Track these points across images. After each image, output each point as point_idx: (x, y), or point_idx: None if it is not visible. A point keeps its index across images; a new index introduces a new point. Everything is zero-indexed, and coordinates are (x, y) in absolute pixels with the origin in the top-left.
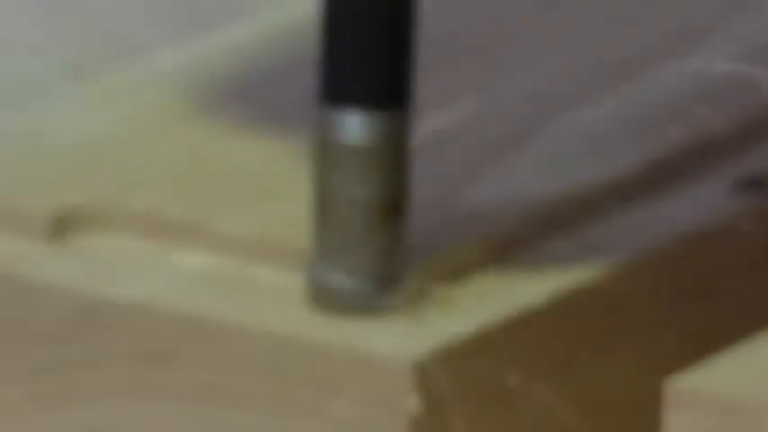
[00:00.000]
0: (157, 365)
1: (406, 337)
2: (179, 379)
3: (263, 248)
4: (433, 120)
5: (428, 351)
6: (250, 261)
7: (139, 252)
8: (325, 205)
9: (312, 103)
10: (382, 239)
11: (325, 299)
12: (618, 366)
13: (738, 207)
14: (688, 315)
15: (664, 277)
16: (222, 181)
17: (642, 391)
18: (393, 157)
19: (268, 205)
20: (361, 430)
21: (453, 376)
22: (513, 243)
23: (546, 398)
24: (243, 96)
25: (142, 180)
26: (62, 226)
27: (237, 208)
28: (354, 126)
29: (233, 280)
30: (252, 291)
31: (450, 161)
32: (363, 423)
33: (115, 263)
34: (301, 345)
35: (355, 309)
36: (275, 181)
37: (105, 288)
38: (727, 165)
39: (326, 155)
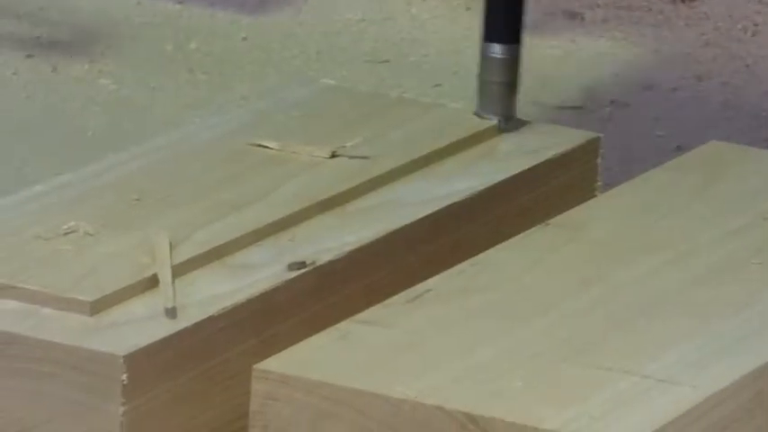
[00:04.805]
0: None
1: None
2: None
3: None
4: None
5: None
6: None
7: None
8: (481, 85)
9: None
10: (507, 103)
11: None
12: None
13: None
14: None
15: None
16: None
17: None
18: (514, 63)
19: None
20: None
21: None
22: None
23: None
24: None
25: None
26: None
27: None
28: (497, 50)
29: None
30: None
31: None
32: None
33: None
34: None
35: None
36: None
37: None
38: None
39: (484, 63)
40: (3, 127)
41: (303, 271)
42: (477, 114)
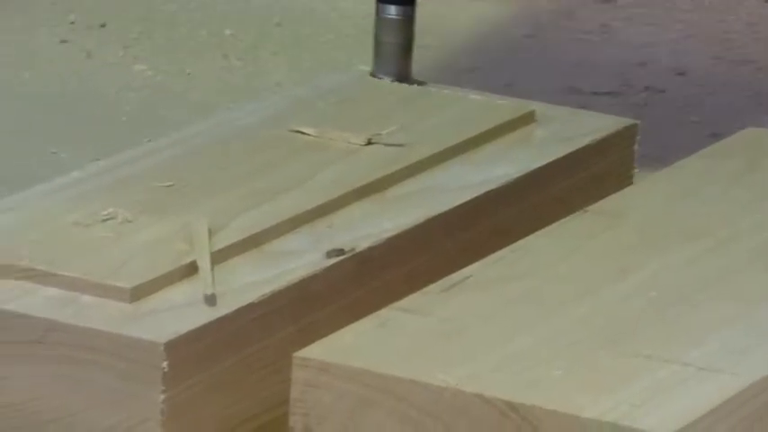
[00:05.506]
0: None
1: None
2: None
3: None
4: None
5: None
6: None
7: None
8: (377, 46)
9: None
10: (402, 63)
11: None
12: None
13: None
14: None
15: None
16: None
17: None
18: (409, 24)
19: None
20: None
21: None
22: None
23: None
24: None
25: None
26: None
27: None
28: (391, 11)
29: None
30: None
31: None
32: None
33: None
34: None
35: None
36: None
37: None
38: None
39: (379, 23)
40: (38, 113)
41: (341, 258)
42: (372, 75)
